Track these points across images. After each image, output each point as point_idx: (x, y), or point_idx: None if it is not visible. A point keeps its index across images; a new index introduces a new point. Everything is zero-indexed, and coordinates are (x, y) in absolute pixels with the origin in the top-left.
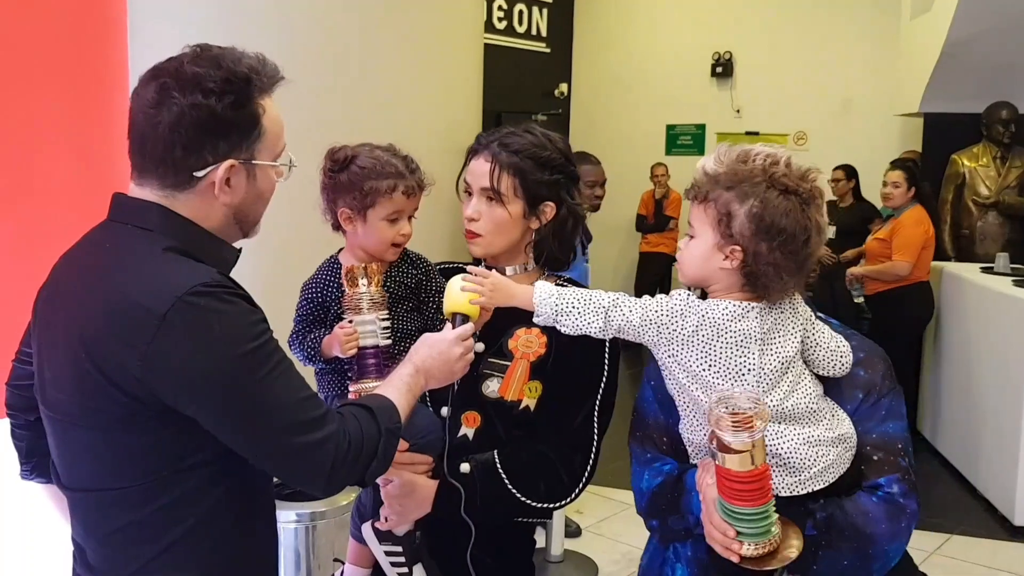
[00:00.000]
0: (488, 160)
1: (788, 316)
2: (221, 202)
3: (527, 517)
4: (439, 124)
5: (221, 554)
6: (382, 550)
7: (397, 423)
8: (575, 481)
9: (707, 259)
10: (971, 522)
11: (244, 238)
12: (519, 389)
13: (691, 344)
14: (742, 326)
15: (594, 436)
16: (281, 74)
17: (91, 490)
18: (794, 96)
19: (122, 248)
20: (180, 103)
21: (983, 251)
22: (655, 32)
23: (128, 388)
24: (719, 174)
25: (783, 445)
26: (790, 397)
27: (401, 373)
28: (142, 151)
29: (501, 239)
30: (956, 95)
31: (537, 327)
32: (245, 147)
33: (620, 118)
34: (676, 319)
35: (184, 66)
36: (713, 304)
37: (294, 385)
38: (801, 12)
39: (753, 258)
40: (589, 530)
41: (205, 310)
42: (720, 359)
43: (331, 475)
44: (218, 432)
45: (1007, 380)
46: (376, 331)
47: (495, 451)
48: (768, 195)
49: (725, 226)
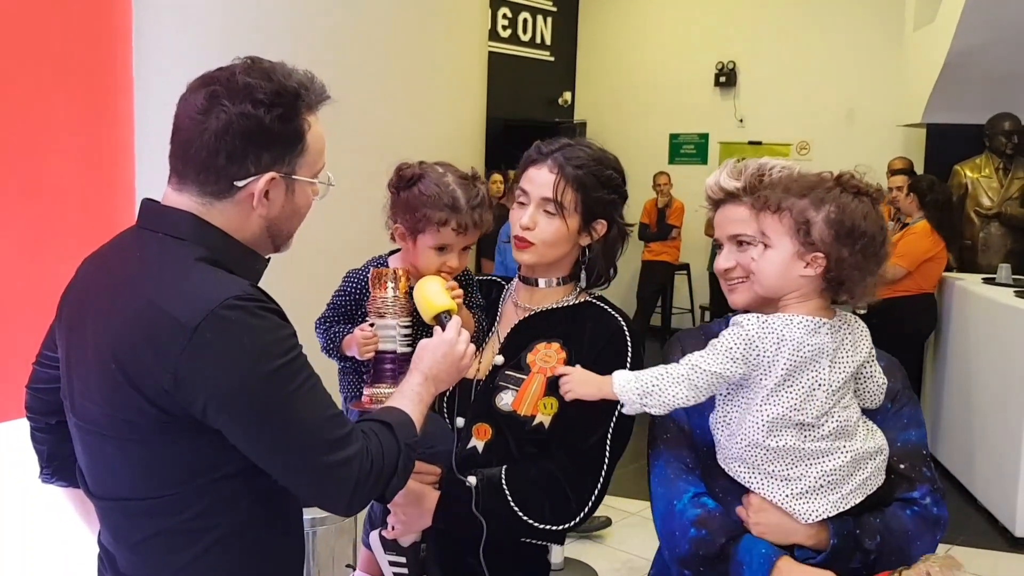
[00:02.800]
0: (553, 172)
1: (849, 335)
2: (258, 214)
3: (530, 538)
4: (443, 131)
5: (251, 561)
6: (387, 559)
7: (415, 437)
8: (582, 504)
9: (787, 267)
10: (972, 533)
11: (276, 252)
12: (533, 404)
13: (772, 365)
14: (816, 341)
15: (606, 460)
16: (328, 93)
17: (121, 499)
18: (797, 106)
19: (153, 257)
20: (229, 111)
21: (985, 262)
22: (659, 41)
23: (157, 400)
24: (787, 184)
25: (833, 462)
26: (844, 412)
27: (411, 384)
28: (185, 156)
29: (553, 251)
30: (959, 106)
31: (558, 342)
32: (288, 161)
33: (623, 127)
34: (757, 344)
35: (236, 76)
36: (785, 321)
37: (322, 403)
38: (805, 23)
39: (836, 264)
40: (590, 538)
41: (236, 324)
42: (794, 375)
43: (353, 495)
44: (243, 447)
45: (1008, 391)
46: (396, 337)
47: (503, 467)
48: (843, 199)
49: (804, 234)
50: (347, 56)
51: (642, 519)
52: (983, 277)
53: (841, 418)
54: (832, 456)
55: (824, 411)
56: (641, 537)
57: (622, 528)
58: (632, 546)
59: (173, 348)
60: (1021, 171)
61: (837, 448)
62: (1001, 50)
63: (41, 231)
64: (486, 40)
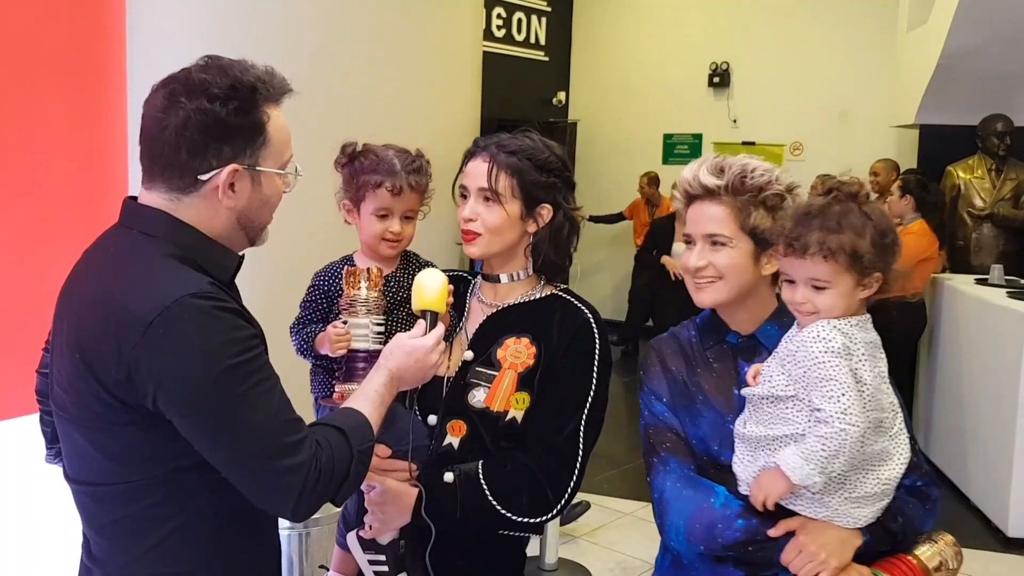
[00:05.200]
0: (486, 160)
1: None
2: (226, 206)
3: (508, 530)
4: (438, 131)
5: (217, 550)
6: (366, 559)
7: (370, 442)
8: (558, 496)
9: (850, 298)
10: (964, 533)
11: (251, 245)
12: (506, 400)
13: (862, 371)
14: (867, 336)
15: (579, 451)
16: (290, 86)
17: (89, 484)
18: (791, 107)
19: (125, 254)
20: (186, 107)
21: (978, 263)
22: (653, 41)
23: (115, 390)
24: (812, 223)
25: (889, 472)
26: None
27: (376, 382)
28: (151, 155)
29: (498, 240)
30: (952, 107)
31: (527, 337)
32: (249, 153)
33: (618, 126)
34: (853, 357)
35: (192, 74)
36: (844, 325)
37: (275, 407)
38: (798, 23)
39: (890, 272)
40: (584, 539)
41: (189, 321)
42: (865, 374)
43: (298, 502)
44: (193, 441)
45: (1001, 391)
46: (369, 335)
47: (480, 462)
48: (871, 215)
49: (861, 266)
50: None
51: (636, 519)
52: (975, 278)
53: (890, 403)
54: (889, 464)
55: (891, 399)
56: (635, 537)
57: (616, 528)
58: (626, 546)
59: (128, 341)
60: (1013, 172)
61: (896, 451)
62: (994, 51)
63: (35, 230)
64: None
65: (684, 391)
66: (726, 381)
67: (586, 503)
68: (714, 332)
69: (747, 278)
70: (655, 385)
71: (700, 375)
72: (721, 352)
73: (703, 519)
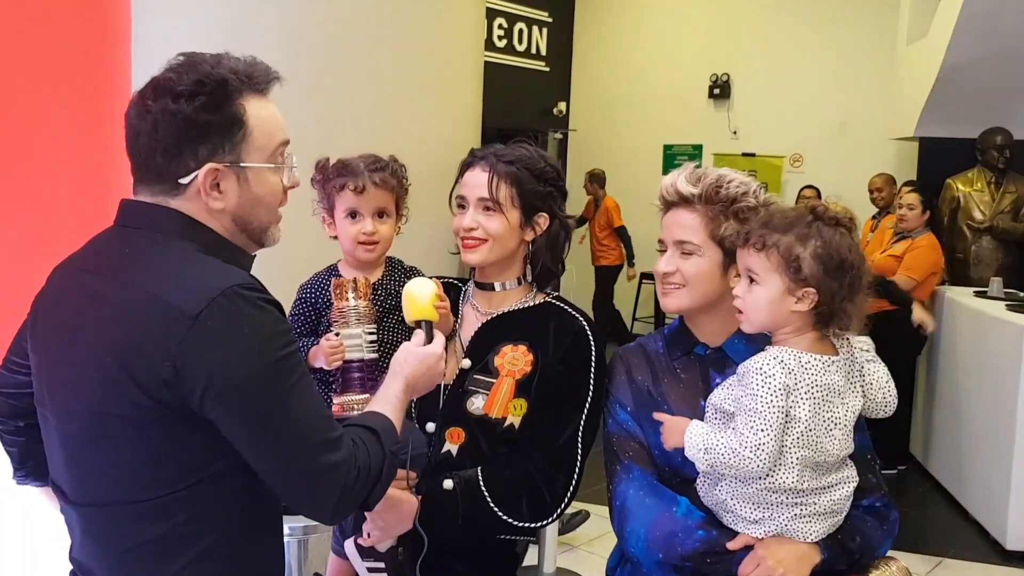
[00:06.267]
0: (486, 170)
1: (853, 368)
2: (215, 208)
3: (508, 535)
4: (438, 141)
5: (234, 569)
6: (365, 566)
7: (397, 443)
8: (557, 501)
9: (777, 304)
10: (963, 545)
11: (259, 247)
12: (504, 406)
13: (800, 407)
14: (828, 380)
15: (578, 455)
16: (276, 74)
17: (108, 504)
18: (791, 118)
19: (148, 252)
20: (153, 110)
21: (977, 275)
22: (654, 53)
23: (156, 392)
24: (767, 221)
25: (841, 492)
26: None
27: (394, 389)
28: (134, 162)
29: (498, 248)
30: (951, 120)
31: (524, 344)
32: (228, 149)
33: (618, 137)
34: (792, 390)
35: (161, 74)
36: (797, 359)
37: (316, 402)
38: (799, 36)
39: (828, 297)
40: (582, 548)
41: (238, 313)
42: (815, 416)
43: (339, 501)
44: (238, 440)
45: (999, 404)
46: (362, 345)
47: (479, 468)
48: (825, 233)
49: (794, 271)
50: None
51: None
52: (975, 290)
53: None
54: (841, 486)
55: (843, 449)
56: None
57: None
58: None
59: (174, 336)
60: (1012, 185)
61: (845, 478)
62: (993, 65)
63: (36, 236)
64: (482, 50)
65: (649, 401)
66: (693, 392)
67: (585, 512)
68: (682, 343)
69: (713, 287)
70: (620, 394)
71: (666, 385)
72: (689, 363)
73: (664, 527)
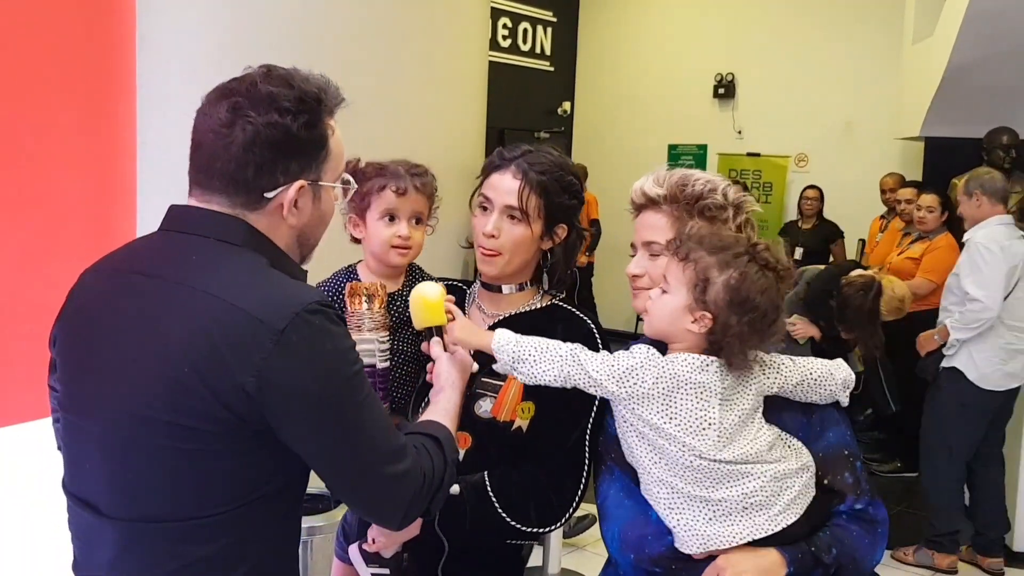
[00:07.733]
0: (517, 178)
1: (748, 372)
2: (288, 224)
3: (515, 539)
4: (443, 140)
5: None
6: (369, 572)
7: (457, 454)
8: (565, 505)
9: (676, 318)
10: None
11: (302, 263)
12: (512, 409)
13: (651, 398)
14: (702, 379)
15: (585, 459)
16: (343, 96)
17: (156, 520)
18: (796, 118)
19: (220, 261)
20: (256, 122)
21: None
22: (658, 52)
23: (235, 405)
24: (703, 236)
25: (750, 484)
26: (750, 446)
27: (453, 400)
28: (210, 171)
29: (518, 258)
30: (957, 120)
31: None
32: (314, 168)
33: (622, 137)
34: (636, 374)
35: (258, 85)
36: (672, 357)
37: (382, 414)
38: (804, 35)
39: (721, 328)
40: (587, 549)
41: (319, 329)
42: (681, 412)
43: (408, 508)
44: (312, 456)
45: None
46: (375, 352)
47: (485, 473)
48: (748, 268)
49: (701, 291)
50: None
51: None
52: None
53: (747, 450)
54: (750, 478)
55: (719, 448)
56: None
57: None
58: None
59: (258, 350)
60: (1018, 185)
61: (752, 470)
62: (999, 64)
63: (43, 238)
64: (486, 50)
65: None
66: None
67: (592, 516)
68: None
69: None
70: None
71: None
72: None
73: (637, 529)
